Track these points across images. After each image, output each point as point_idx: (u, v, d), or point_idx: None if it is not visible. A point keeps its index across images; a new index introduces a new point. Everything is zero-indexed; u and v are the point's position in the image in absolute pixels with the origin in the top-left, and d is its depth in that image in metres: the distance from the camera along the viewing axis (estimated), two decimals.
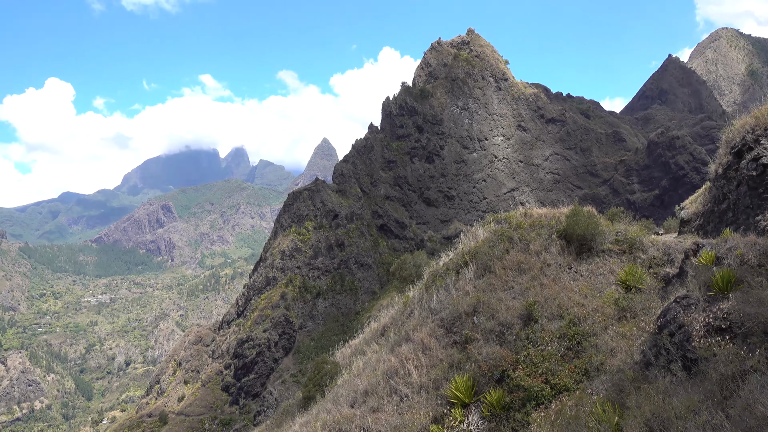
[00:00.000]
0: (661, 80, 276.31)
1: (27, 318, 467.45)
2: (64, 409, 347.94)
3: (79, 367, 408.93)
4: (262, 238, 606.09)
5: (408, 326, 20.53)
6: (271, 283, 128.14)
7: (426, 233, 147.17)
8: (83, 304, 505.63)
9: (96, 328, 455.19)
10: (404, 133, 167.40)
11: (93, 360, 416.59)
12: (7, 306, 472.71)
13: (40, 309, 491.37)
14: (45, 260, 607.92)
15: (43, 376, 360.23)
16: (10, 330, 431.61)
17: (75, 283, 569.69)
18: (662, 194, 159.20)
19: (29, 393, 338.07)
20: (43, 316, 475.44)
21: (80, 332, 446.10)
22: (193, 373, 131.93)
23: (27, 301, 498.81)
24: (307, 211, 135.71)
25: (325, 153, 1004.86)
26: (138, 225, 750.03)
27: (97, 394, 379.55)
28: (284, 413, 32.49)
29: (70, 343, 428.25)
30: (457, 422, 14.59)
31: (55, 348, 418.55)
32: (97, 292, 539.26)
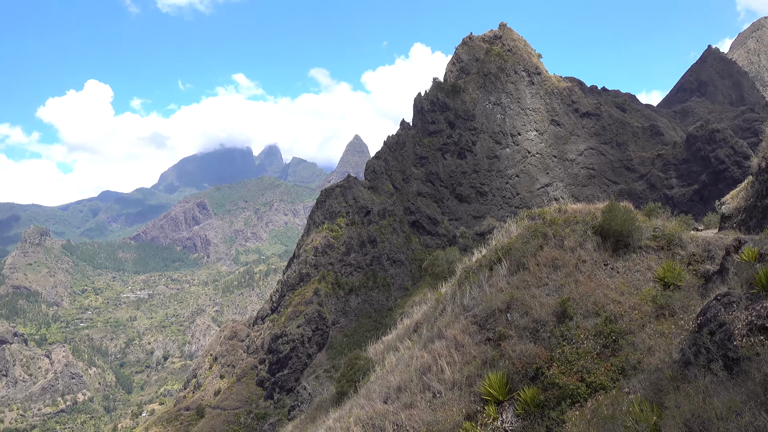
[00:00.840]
0: (700, 72, 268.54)
1: (69, 313, 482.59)
2: (106, 402, 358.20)
3: (119, 361, 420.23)
4: (295, 235, 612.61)
5: (441, 323, 20.49)
6: (305, 279, 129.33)
7: (458, 229, 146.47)
8: (123, 300, 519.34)
9: (135, 323, 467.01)
10: (436, 129, 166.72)
11: (132, 354, 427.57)
12: (51, 301, 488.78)
13: (81, 304, 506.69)
14: (86, 257, 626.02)
15: (85, 369, 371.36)
16: (54, 325, 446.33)
17: (115, 280, 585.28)
18: (702, 189, 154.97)
19: (72, 386, 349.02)
20: (84, 312, 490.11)
21: (120, 327, 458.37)
22: (228, 368, 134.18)
23: (69, 297, 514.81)
24: (339, 207, 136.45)
25: (357, 150, 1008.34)
26: (174, 222, 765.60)
27: (137, 387, 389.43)
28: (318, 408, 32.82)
29: (111, 338, 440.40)
30: (490, 419, 14.51)
31: (96, 342, 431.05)
32: (136, 288, 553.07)
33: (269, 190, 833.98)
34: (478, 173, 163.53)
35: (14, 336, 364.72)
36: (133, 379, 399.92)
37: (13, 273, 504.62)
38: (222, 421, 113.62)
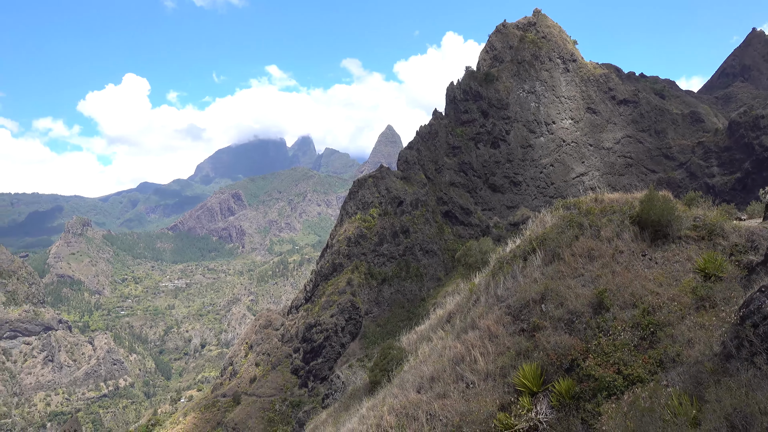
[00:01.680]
0: (744, 56, 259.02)
1: (111, 301, 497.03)
2: (146, 388, 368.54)
3: (159, 348, 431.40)
4: (329, 225, 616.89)
5: (474, 313, 20.41)
6: (338, 269, 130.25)
7: (491, 219, 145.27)
8: (161, 289, 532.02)
9: (173, 312, 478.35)
10: (469, 119, 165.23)
11: (171, 341, 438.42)
12: (93, 290, 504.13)
13: (122, 293, 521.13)
14: (126, 247, 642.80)
15: (126, 356, 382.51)
16: (96, 312, 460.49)
17: (153, 269, 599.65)
18: (744, 177, 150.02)
19: (114, 371, 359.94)
20: (125, 300, 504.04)
21: (159, 315, 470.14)
22: (264, 356, 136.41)
23: (110, 286, 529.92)
24: (372, 198, 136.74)
25: (389, 140, 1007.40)
26: (210, 213, 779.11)
27: (175, 374, 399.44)
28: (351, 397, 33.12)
29: (150, 326, 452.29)
30: (524, 410, 14.43)
31: (136, 330, 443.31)
32: (174, 277, 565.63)
33: (302, 181, 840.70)
34: (512, 163, 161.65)
35: (59, 323, 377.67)
36: (171, 366, 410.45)
37: (57, 262, 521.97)
38: (258, 408, 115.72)
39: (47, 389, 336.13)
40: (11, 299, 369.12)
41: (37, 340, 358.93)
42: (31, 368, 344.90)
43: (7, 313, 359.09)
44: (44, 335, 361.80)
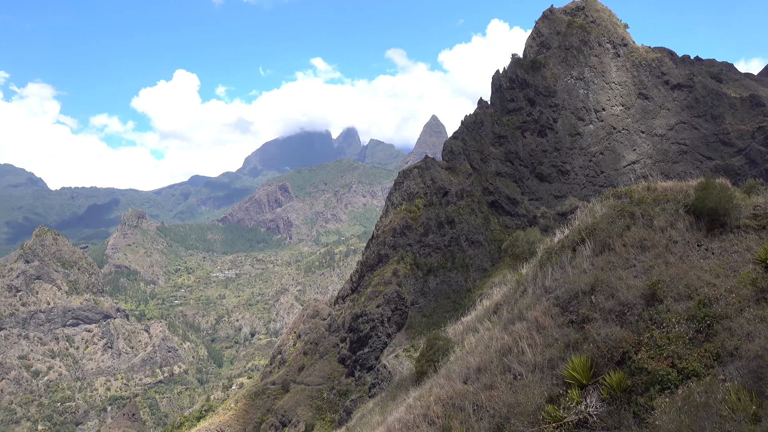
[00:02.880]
0: None
1: (165, 291, 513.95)
2: (199, 374, 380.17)
3: (211, 337, 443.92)
4: (374, 216, 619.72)
5: (521, 304, 20.18)
6: (383, 259, 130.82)
7: (539, 209, 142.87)
8: (212, 279, 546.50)
9: (224, 301, 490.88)
10: (515, 107, 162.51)
11: (222, 330, 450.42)
12: (149, 280, 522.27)
13: (175, 283, 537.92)
14: (178, 238, 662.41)
15: (180, 343, 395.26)
16: (151, 302, 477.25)
17: (205, 260, 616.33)
18: None
19: (169, 358, 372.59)
20: (178, 290, 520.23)
21: (210, 305, 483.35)
22: (311, 345, 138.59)
23: (165, 276, 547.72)
24: (417, 188, 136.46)
25: (434, 130, 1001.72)
26: (258, 205, 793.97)
27: (227, 361, 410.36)
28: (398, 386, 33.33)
29: (202, 315, 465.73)
30: (573, 403, 14.20)
31: (189, 318, 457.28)
32: (224, 267, 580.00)
33: (348, 172, 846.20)
34: (560, 151, 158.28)
35: (117, 311, 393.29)
36: (223, 354, 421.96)
37: (114, 253, 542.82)
38: (306, 396, 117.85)
39: (107, 374, 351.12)
40: (73, 288, 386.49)
41: (97, 327, 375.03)
42: (92, 354, 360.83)
43: (70, 301, 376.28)
44: (104, 323, 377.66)
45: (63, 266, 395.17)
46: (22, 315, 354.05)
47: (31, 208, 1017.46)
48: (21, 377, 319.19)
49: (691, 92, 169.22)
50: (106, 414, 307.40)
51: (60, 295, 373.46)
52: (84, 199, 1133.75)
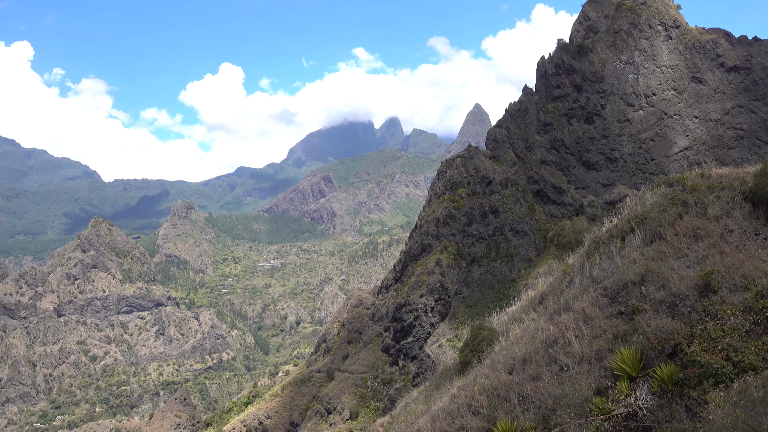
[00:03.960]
0: None
1: (213, 280, 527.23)
2: (246, 361, 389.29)
3: (257, 325, 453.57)
4: (417, 206, 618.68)
5: (568, 295, 19.83)
6: (427, 249, 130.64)
7: (585, 198, 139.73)
8: (258, 268, 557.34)
9: (270, 290, 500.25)
10: (561, 94, 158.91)
11: (268, 319, 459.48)
12: (198, 269, 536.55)
13: (223, 272, 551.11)
14: (225, 228, 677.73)
15: (228, 331, 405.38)
16: (200, 290, 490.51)
17: (251, 249, 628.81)
18: None
19: (218, 345, 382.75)
20: (226, 279, 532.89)
21: (257, 293, 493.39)
22: (355, 334, 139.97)
23: (213, 265, 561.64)
24: (460, 178, 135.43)
25: (477, 119, 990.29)
26: (302, 195, 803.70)
27: (273, 349, 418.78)
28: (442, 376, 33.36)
29: (249, 303, 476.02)
30: (622, 396, 13.90)
31: (236, 307, 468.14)
32: (270, 257, 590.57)
33: (390, 162, 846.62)
34: (608, 138, 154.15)
35: (168, 299, 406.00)
36: (269, 342, 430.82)
37: (165, 243, 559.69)
38: (350, 384, 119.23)
39: (159, 360, 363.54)
40: (127, 277, 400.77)
41: (149, 314, 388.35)
42: (145, 341, 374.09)
43: (124, 289, 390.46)
44: (156, 310, 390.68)
45: (117, 255, 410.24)
46: (79, 302, 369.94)
47: (87, 200, 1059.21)
48: (80, 361, 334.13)
49: (748, 74, 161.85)
50: (158, 398, 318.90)
51: (114, 283, 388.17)
52: (136, 191, 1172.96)
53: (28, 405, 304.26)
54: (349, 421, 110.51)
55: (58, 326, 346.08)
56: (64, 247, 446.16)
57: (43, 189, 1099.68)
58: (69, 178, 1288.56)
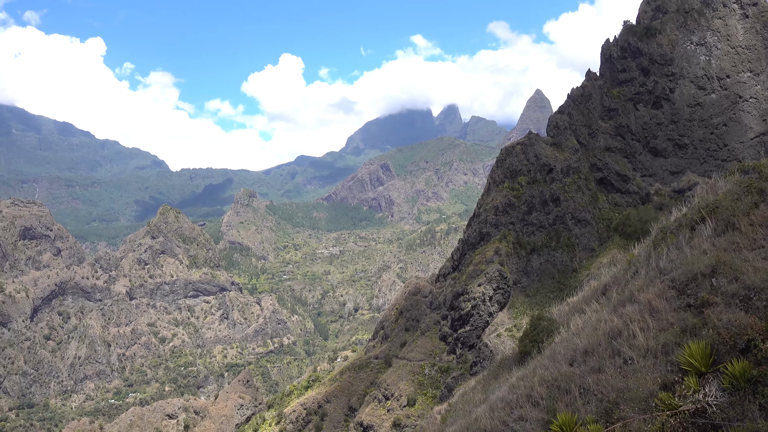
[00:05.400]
0: None
1: (274, 266, 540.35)
2: (306, 346, 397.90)
3: (317, 311, 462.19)
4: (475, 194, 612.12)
5: (632, 286, 19.25)
6: (485, 238, 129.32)
7: (652, 186, 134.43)
8: (318, 256, 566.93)
9: (329, 277, 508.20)
10: (626, 78, 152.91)
11: (327, 305, 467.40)
12: (260, 256, 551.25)
13: (284, 259, 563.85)
14: (286, 216, 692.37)
15: (288, 316, 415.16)
16: (262, 276, 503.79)
17: (310, 237, 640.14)
18: None
19: (279, 330, 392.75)
20: (286, 265, 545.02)
21: (316, 280, 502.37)
22: (413, 322, 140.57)
23: (274, 252, 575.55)
24: (520, 165, 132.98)
25: (538, 105, 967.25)
26: (361, 184, 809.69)
27: (332, 335, 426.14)
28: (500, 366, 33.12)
29: (309, 290, 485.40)
30: (690, 391, 13.43)
31: (296, 293, 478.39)
32: (329, 244, 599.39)
33: (449, 150, 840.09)
34: (677, 124, 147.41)
35: (232, 284, 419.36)
36: (328, 328, 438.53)
37: (228, 230, 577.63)
38: (408, 372, 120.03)
39: (224, 343, 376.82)
40: (193, 263, 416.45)
41: (214, 299, 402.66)
42: (210, 324, 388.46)
43: (190, 274, 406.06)
44: (220, 295, 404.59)
45: (184, 242, 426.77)
46: (149, 286, 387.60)
47: (156, 188, 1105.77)
48: (150, 342, 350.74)
49: None
50: (223, 379, 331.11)
51: (182, 268, 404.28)
52: (201, 180, 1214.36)
53: (104, 382, 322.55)
54: (407, 407, 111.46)
55: (130, 309, 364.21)
56: (135, 233, 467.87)
57: (115, 178, 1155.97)
58: (139, 167, 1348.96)
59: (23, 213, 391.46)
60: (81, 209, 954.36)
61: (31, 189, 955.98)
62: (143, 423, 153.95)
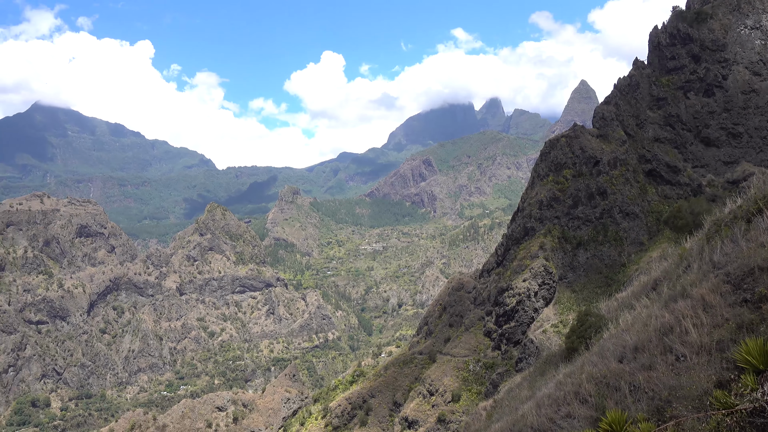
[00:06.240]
0: None
1: (318, 262, 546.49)
2: (350, 341, 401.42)
3: (360, 306, 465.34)
4: (519, 189, 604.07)
5: (685, 280, 18.67)
6: (530, 233, 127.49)
7: (704, 177, 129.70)
8: (361, 252, 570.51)
9: (372, 273, 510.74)
10: (676, 65, 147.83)
11: (371, 300, 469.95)
12: (304, 252, 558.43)
13: (327, 255, 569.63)
14: (329, 213, 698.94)
15: (333, 312, 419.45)
16: (306, 272, 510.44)
17: (354, 233, 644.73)
18: None
19: (323, 325, 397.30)
20: (330, 261, 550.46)
21: (360, 276, 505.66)
22: (457, 318, 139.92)
23: (318, 248, 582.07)
24: (565, 158, 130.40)
25: (583, 96, 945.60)
26: (403, 179, 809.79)
27: (376, 330, 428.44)
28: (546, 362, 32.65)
29: (352, 285, 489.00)
30: (747, 390, 12.94)
31: (341, 288, 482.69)
32: (372, 241, 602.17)
33: (491, 144, 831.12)
34: (730, 112, 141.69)
35: (277, 280, 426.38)
36: (372, 323, 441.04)
37: (273, 227, 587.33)
38: (452, 367, 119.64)
39: (270, 338, 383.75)
40: (239, 259, 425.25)
41: (260, 295, 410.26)
42: (257, 319, 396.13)
43: (237, 270, 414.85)
44: (266, 291, 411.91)
45: (230, 239, 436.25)
46: (198, 282, 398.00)
47: (203, 187, 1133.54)
48: (200, 337, 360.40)
49: None
50: (270, 373, 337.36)
51: (229, 264, 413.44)
52: (246, 177, 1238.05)
53: (156, 375, 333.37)
54: (451, 403, 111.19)
55: (180, 304, 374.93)
56: (184, 231, 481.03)
57: (164, 177, 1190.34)
58: (187, 166, 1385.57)
59: (79, 212, 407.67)
60: (133, 207, 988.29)
61: (86, 188, 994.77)
62: (194, 415, 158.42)
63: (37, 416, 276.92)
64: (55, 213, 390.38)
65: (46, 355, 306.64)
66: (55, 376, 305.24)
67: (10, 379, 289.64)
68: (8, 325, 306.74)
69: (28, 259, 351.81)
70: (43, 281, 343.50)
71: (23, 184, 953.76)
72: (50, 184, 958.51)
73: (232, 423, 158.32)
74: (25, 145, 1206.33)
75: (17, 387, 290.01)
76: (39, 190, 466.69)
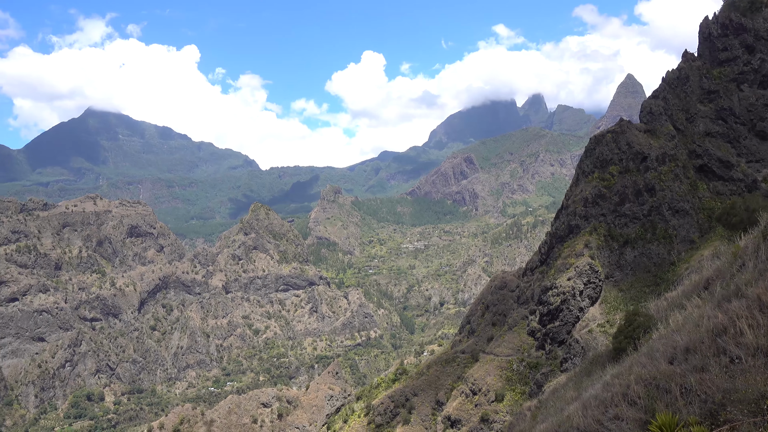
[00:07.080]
0: None
1: (360, 261, 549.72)
2: (393, 340, 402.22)
3: (402, 305, 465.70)
4: (563, 186, 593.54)
5: (739, 280, 18.04)
6: (574, 231, 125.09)
7: (760, 173, 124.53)
8: (402, 250, 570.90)
9: (414, 271, 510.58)
10: (728, 57, 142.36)
11: (413, 299, 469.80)
12: (346, 250, 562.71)
13: (369, 253, 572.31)
14: (371, 211, 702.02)
15: (375, 310, 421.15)
16: (348, 271, 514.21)
17: (395, 232, 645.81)
18: None
19: (365, 323, 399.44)
20: (372, 260, 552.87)
21: (401, 274, 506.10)
22: (500, 317, 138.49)
23: (359, 247, 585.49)
24: (611, 155, 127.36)
25: (629, 91, 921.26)
26: (444, 177, 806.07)
27: (418, 329, 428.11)
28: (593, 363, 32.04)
29: (394, 284, 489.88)
30: None
31: (382, 287, 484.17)
32: (413, 239, 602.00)
33: (534, 141, 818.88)
34: None
35: (320, 279, 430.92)
36: (414, 322, 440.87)
37: (316, 226, 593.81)
38: (495, 367, 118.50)
39: (313, 336, 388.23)
40: (283, 258, 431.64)
41: (303, 293, 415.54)
42: (300, 317, 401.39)
43: (281, 269, 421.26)
44: (309, 289, 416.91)
45: (274, 238, 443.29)
46: (243, 280, 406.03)
47: (248, 187, 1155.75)
48: (245, 334, 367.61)
49: None
50: (313, 370, 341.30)
51: (272, 263, 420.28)
52: (289, 177, 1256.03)
53: (204, 371, 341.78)
54: (495, 402, 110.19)
55: (226, 302, 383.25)
56: (229, 230, 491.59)
57: (210, 178, 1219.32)
58: (232, 167, 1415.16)
59: (130, 212, 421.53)
60: (180, 208, 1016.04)
61: (136, 190, 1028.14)
62: (240, 410, 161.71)
63: (92, 410, 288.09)
64: (107, 214, 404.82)
65: (100, 351, 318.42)
66: (109, 372, 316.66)
67: (67, 373, 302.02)
68: (65, 322, 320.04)
69: (83, 258, 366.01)
70: (96, 280, 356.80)
71: (77, 187, 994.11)
72: (102, 186, 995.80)
73: (276, 419, 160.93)
74: (79, 149, 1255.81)
75: (73, 381, 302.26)
76: (92, 192, 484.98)
